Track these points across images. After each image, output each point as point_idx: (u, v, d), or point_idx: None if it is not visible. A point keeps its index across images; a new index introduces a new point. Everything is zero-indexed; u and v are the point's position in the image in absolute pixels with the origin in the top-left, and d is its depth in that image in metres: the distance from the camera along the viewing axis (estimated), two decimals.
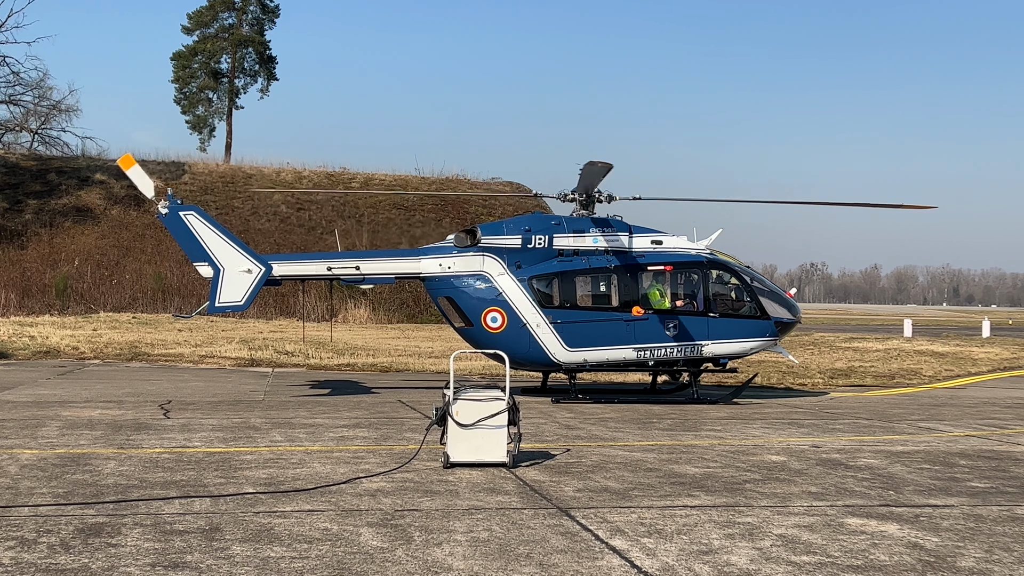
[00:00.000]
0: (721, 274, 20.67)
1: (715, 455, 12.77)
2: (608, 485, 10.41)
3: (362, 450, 12.60)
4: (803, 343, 39.43)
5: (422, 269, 20.11)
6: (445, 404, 11.28)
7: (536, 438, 13.93)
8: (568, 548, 7.67)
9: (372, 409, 17.57)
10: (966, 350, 37.79)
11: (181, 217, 19.33)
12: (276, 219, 57.08)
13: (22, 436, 13.26)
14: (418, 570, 6.96)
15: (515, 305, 19.62)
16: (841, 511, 9.28)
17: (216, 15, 73.73)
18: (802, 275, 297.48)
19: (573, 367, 20.10)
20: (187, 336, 35.26)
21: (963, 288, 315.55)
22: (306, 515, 8.63)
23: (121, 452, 12.04)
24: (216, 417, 15.88)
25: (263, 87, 76.04)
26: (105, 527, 8.03)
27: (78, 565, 6.92)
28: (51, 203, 54.73)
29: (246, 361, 28.44)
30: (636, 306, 19.85)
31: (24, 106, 72.02)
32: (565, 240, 20.09)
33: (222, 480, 10.25)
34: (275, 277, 19.70)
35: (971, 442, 14.65)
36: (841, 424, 16.71)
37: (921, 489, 10.55)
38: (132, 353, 29.66)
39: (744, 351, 20.53)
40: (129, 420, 15.22)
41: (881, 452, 13.33)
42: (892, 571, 7.21)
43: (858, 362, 31.58)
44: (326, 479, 10.39)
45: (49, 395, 18.88)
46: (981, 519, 9.06)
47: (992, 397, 22.94)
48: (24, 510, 8.63)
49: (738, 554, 7.59)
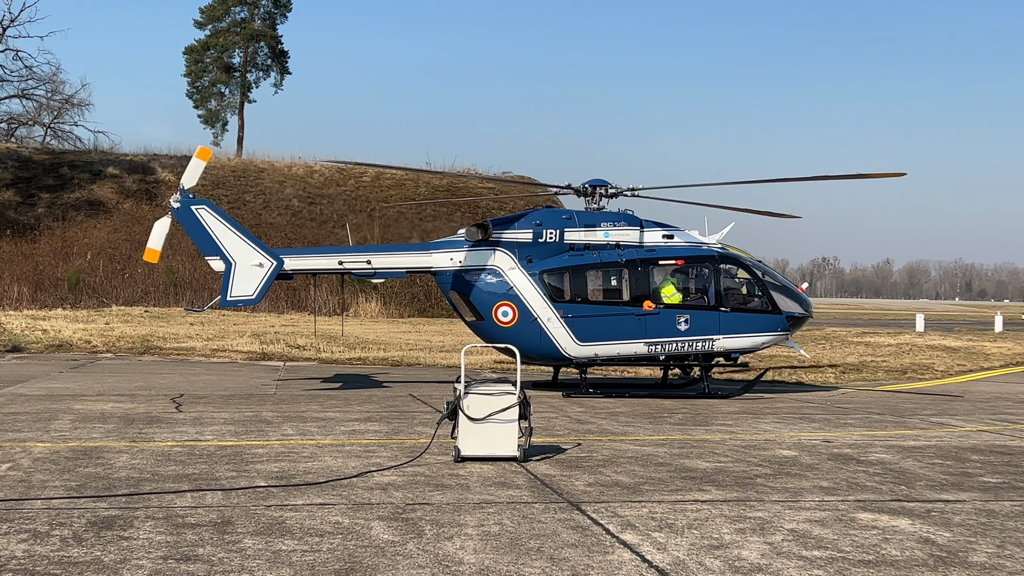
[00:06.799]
0: (732, 268, 20.62)
1: (726, 450, 12.75)
2: (619, 479, 10.40)
3: (373, 444, 12.62)
4: (815, 338, 39.33)
5: (433, 263, 20.11)
6: (456, 398, 11.29)
7: (547, 432, 13.94)
8: (579, 542, 7.67)
9: (383, 403, 17.60)
10: (979, 345, 37.65)
11: (193, 211, 19.40)
12: (288, 213, 57.15)
13: (35, 429, 13.32)
14: (429, 564, 6.97)
15: (526, 299, 19.61)
16: (852, 506, 9.26)
17: (228, 9, 73.76)
18: (814, 270, 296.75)
19: (584, 361, 20.09)
20: (199, 330, 35.35)
21: (976, 283, 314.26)
22: (317, 509, 8.65)
23: (133, 445, 12.09)
24: (228, 411, 15.92)
25: (276, 81, 76.15)
26: (117, 520, 8.06)
27: (90, 558, 6.94)
28: (63, 197, 54.89)
29: (258, 355, 28.51)
30: (647, 300, 19.83)
31: (37, 100, 72.49)
32: (576, 234, 20.07)
33: (234, 473, 10.28)
34: (286, 271, 19.73)
35: (983, 437, 14.59)
36: (853, 419, 16.67)
37: (933, 484, 10.52)
38: (144, 347, 29.77)
39: (755, 346, 20.49)
40: (141, 414, 15.27)
41: (893, 447, 13.29)
42: (904, 566, 7.19)
43: (870, 357, 31.48)
44: (337, 473, 10.41)
45: (62, 388, 18.96)
46: (993, 514, 9.03)
47: (1005, 392, 22.85)
48: (37, 503, 8.67)
49: (749, 549, 7.58)
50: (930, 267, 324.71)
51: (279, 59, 75.88)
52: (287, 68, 76.54)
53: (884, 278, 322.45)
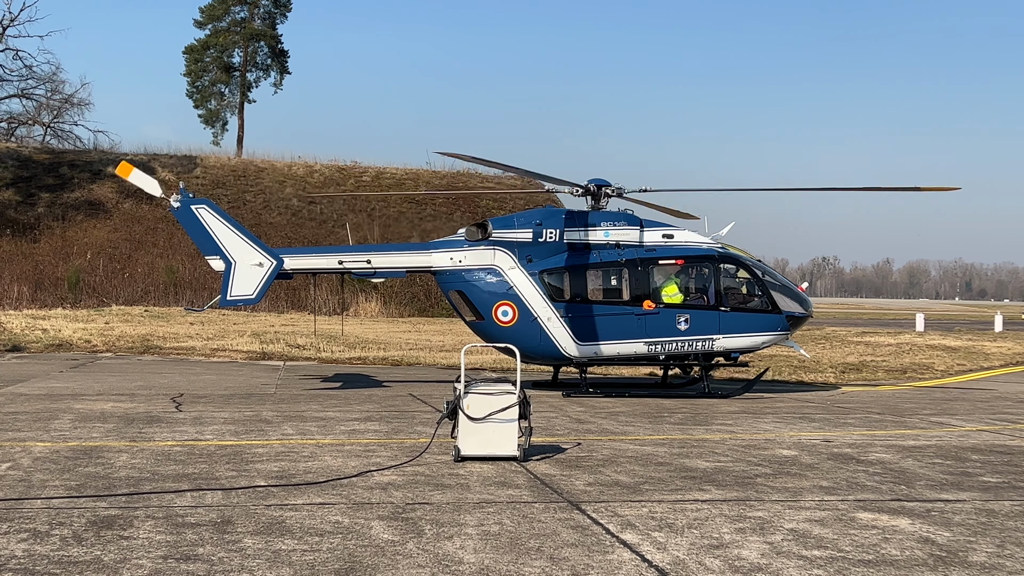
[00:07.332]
0: (732, 268, 20.63)
1: (726, 449, 12.75)
2: (619, 479, 10.40)
3: (373, 443, 12.62)
4: (815, 337, 39.33)
5: (433, 263, 20.12)
6: (456, 398, 11.29)
7: (547, 432, 13.94)
8: (579, 542, 7.67)
9: (383, 403, 17.60)
10: (979, 344, 37.66)
11: (193, 211, 19.38)
12: (287, 213, 57.17)
13: (35, 429, 13.32)
14: (429, 563, 6.97)
15: (526, 299, 19.62)
16: (852, 506, 9.26)
17: (228, 9, 73.76)
18: (814, 269, 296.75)
19: (584, 361, 20.09)
20: (199, 329, 35.36)
21: (976, 282, 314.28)
22: (317, 508, 8.65)
23: (133, 445, 12.09)
24: (228, 410, 15.92)
25: (276, 81, 76.15)
26: (117, 520, 8.06)
27: (90, 557, 6.94)
28: (63, 197, 54.91)
29: (257, 354, 28.52)
30: (647, 300, 19.83)
31: (37, 100, 72.45)
32: (576, 234, 20.08)
33: (234, 473, 10.28)
34: (286, 271, 19.73)
35: (983, 437, 14.59)
36: (853, 419, 16.67)
37: (933, 484, 10.52)
38: (144, 346, 29.77)
39: (755, 345, 20.50)
40: (141, 413, 15.27)
41: (893, 447, 13.29)
42: (903, 566, 7.19)
43: (870, 356, 31.49)
44: (337, 472, 10.41)
45: (62, 388, 18.96)
46: (993, 514, 9.03)
47: (1005, 392, 22.85)
48: (37, 502, 8.67)
49: (749, 548, 7.58)
50: (930, 267, 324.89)
51: (279, 59, 75.89)
52: (287, 68, 76.59)
53: (884, 278, 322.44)
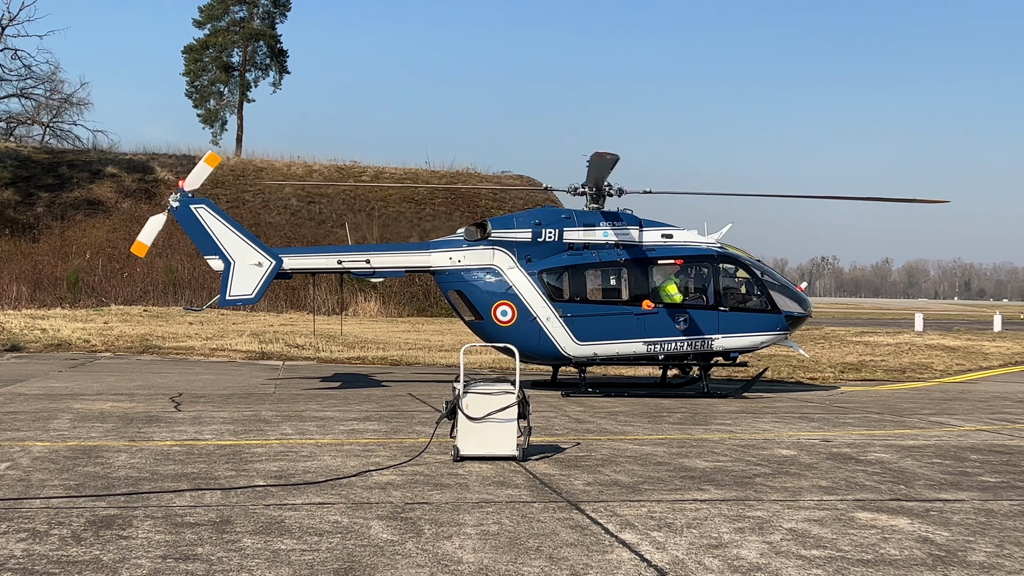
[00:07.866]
0: (731, 268, 20.64)
1: (725, 449, 12.75)
2: (618, 479, 10.41)
3: (372, 443, 12.62)
4: (814, 337, 39.34)
5: (432, 262, 20.12)
6: (455, 397, 11.29)
7: (546, 432, 13.94)
8: (578, 541, 7.67)
9: (382, 402, 17.60)
10: (978, 344, 37.67)
11: (192, 210, 19.38)
12: (287, 212, 57.14)
13: (34, 428, 13.32)
14: (428, 563, 6.97)
15: (525, 299, 19.62)
16: (851, 505, 9.26)
17: (227, 8, 73.69)
18: (813, 269, 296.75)
19: (583, 361, 20.10)
20: (198, 329, 35.34)
21: (975, 282, 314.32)
22: (316, 508, 8.65)
23: (132, 445, 12.09)
24: (227, 410, 15.92)
25: (275, 80, 76.11)
26: (116, 519, 8.06)
27: (89, 557, 6.94)
28: (63, 196, 54.87)
29: (257, 354, 28.51)
30: (646, 300, 19.83)
31: (36, 99, 72.43)
32: (575, 234, 20.08)
33: (233, 473, 10.28)
34: (285, 270, 19.74)
35: (982, 437, 14.60)
36: (852, 418, 16.68)
37: (932, 483, 10.53)
38: (143, 346, 29.76)
39: (754, 345, 20.50)
40: (140, 413, 15.27)
41: (892, 446, 13.30)
42: (902, 565, 7.20)
43: (869, 356, 31.49)
44: (336, 472, 10.41)
45: (61, 388, 18.96)
46: (992, 514, 9.03)
47: (1004, 392, 22.87)
48: (36, 502, 8.67)
49: (748, 548, 7.59)
50: (929, 267, 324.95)
51: (278, 58, 75.81)
52: (286, 67, 76.48)
53: (883, 278, 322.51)
